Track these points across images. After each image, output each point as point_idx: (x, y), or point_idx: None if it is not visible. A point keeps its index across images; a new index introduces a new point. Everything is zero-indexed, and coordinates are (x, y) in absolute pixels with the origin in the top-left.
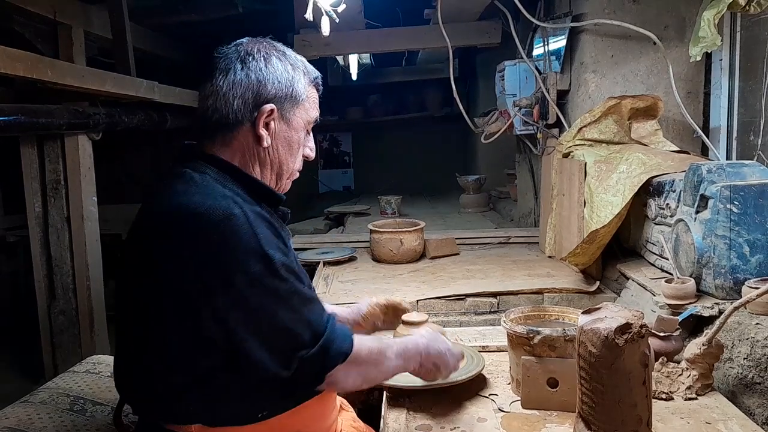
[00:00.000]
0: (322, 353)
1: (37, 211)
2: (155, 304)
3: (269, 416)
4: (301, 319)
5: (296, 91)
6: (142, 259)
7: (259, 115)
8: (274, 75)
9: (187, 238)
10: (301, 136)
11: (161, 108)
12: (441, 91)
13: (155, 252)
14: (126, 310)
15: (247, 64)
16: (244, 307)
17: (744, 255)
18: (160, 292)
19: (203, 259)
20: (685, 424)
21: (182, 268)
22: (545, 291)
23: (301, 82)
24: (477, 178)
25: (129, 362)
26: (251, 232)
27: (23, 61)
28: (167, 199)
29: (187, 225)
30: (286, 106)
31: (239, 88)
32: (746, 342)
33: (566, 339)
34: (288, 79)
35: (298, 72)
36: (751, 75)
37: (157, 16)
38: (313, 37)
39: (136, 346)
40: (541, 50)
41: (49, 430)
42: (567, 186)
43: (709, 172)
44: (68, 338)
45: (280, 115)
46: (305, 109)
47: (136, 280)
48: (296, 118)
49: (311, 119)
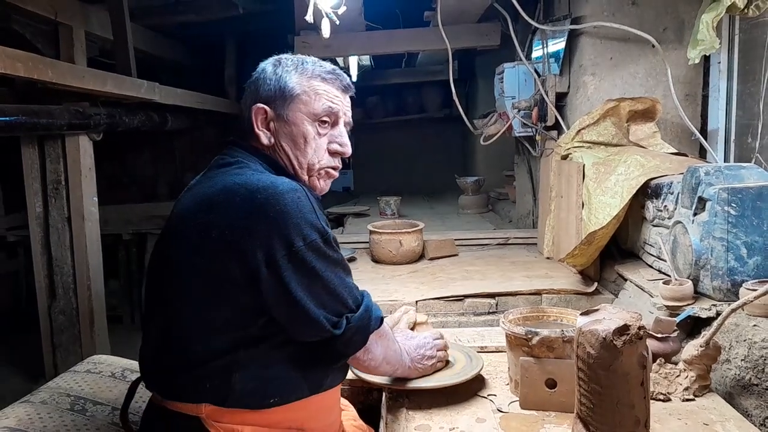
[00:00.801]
0: (366, 317)
1: (38, 211)
2: (201, 275)
3: (280, 403)
4: (346, 286)
5: (286, 87)
6: (191, 234)
7: (254, 117)
8: (264, 79)
9: (256, 207)
10: (306, 130)
11: (162, 109)
12: (440, 92)
13: (222, 225)
14: (157, 291)
15: (254, 77)
16: (301, 267)
17: (741, 257)
18: (221, 263)
19: (271, 224)
20: (683, 425)
21: (251, 235)
22: (543, 292)
23: (292, 79)
24: (476, 179)
25: (154, 339)
26: (310, 206)
27: (24, 61)
28: (223, 180)
29: (253, 196)
30: (278, 103)
31: (247, 98)
32: (744, 343)
33: (564, 340)
34: (276, 78)
35: (287, 71)
36: (750, 78)
37: (157, 17)
38: (313, 38)
39: (164, 325)
40: (540, 52)
41: (50, 429)
42: (565, 188)
43: (707, 174)
44: (68, 338)
45: (275, 113)
46: (304, 102)
47: (180, 256)
48: (293, 113)
49: (318, 111)
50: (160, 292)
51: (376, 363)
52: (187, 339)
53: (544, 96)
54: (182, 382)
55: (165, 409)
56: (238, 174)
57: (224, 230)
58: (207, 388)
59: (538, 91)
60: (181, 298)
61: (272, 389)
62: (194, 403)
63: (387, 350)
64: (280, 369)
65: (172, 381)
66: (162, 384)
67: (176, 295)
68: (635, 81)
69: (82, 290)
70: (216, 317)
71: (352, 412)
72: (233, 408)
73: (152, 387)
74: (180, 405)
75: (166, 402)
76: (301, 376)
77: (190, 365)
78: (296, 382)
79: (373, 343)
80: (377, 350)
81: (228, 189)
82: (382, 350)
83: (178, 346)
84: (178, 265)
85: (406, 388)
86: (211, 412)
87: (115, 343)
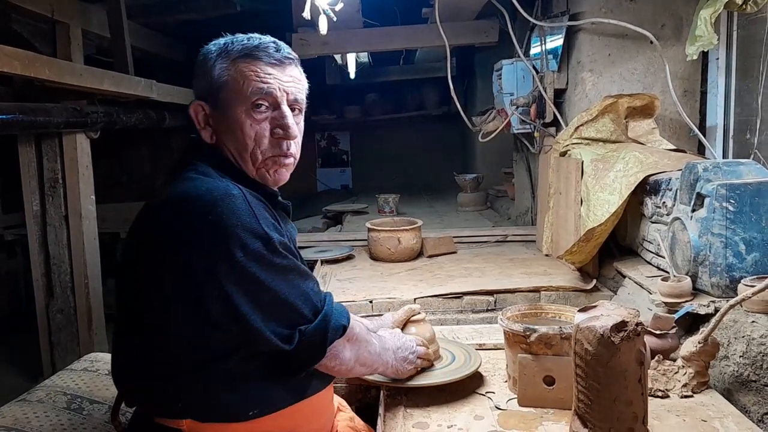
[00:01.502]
0: (323, 326)
1: (36, 210)
2: (157, 292)
3: (259, 415)
4: (300, 294)
5: (212, 78)
6: (145, 250)
7: (193, 116)
8: (196, 73)
9: (190, 219)
10: (237, 115)
11: (159, 106)
12: (439, 89)
13: (160, 240)
14: (125, 303)
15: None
16: (245, 281)
17: (740, 253)
18: (164, 278)
19: (206, 236)
20: (681, 422)
21: (187, 249)
22: (542, 289)
23: (216, 67)
24: (474, 176)
25: (126, 354)
26: (250, 210)
27: (21, 59)
28: (169, 190)
29: (189, 207)
30: (210, 97)
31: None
32: (742, 340)
33: (563, 337)
34: (201, 73)
35: (210, 58)
36: (748, 74)
37: (155, 15)
38: (311, 36)
39: (134, 338)
40: (539, 49)
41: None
42: (564, 184)
43: (706, 170)
44: (66, 336)
45: (211, 108)
46: (233, 89)
47: (138, 271)
48: (226, 102)
49: (248, 92)
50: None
51: (348, 367)
52: (156, 355)
53: (542, 92)
54: (159, 400)
55: (149, 421)
56: (180, 182)
57: (163, 245)
58: (185, 404)
59: (537, 88)
60: (143, 315)
61: (251, 401)
62: (176, 419)
63: (360, 353)
64: (256, 380)
65: (150, 398)
66: (140, 401)
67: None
68: (633, 77)
69: (79, 289)
70: (178, 333)
71: (349, 413)
72: (214, 422)
73: (131, 403)
74: (163, 419)
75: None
76: (279, 385)
77: (163, 382)
78: (276, 392)
79: (341, 349)
80: (346, 355)
81: (166, 200)
82: (352, 354)
83: (148, 363)
84: (137, 280)
85: (404, 385)
86: (193, 427)
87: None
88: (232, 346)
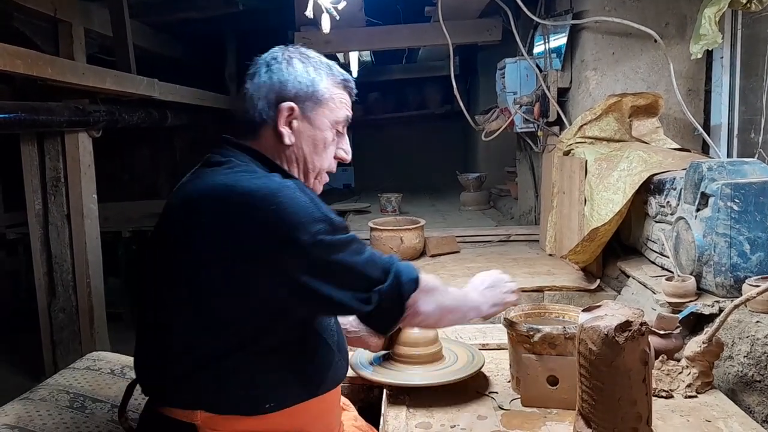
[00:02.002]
0: (396, 284)
1: (38, 209)
2: (191, 280)
3: (276, 409)
4: (368, 260)
5: (318, 91)
6: (179, 239)
7: (279, 114)
8: (294, 76)
9: (250, 210)
10: (326, 136)
11: (161, 105)
12: (441, 88)
13: (199, 229)
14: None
15: (271, 67)
16: (314, 263)
17: (744, 253)
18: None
19: (263, 226)
20: (685, 422)
21: (235, 239)
22: (546, 289)
23: (323, 83)
24: (477, 175)
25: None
26: (307, 198)
27: (23, 58)
28: (212, 181)
29: (240, 199)
30: (307, 105)
31: (263, 90)
32: (746, 340)
33: (566, 337)
34: (309, 79)
35: (320, 73)
36: (752, 72)
37: (157, 14)
38: (313, 34)
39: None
40: (542, 48)
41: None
42: (568, 184)
43: (710, 169)
44: (68, 335)
45: (301, 114)
46: (330, 109)
47: (168, 259)
48: (319, 118)
49: (339, 119)
50: (155, 295)
51: (435, 318)
52: (181, 343)
53: (545, 91)
54: (176, 388)
55: (161, 416)
56: (226, 174)
57: (221, 235)
58: (201, 393)
59: (540, 87)
60: (176, 301)
61: (268, 394)
62: (189, 410)
63: (442, 301)
64: (275, 374)
65: (167, 386)
66: (156, 389)
67: (170, 299)
68: (637, 76)
69: (81, 288)
70: (211, 321)
71: (353, 413)
72: (228, 415)
73: (147, 392)
74: (175, 411)
75: (162, 408)
76: (297, 381)
77: (184, 370)
78: (292, 387)
79: (422, 302)
80: (428, 306)
81: (219, 192)
82: (435, 304)
83: (172, 351)
84: (172, 268)
85: (406, 385)
86: (207, 420)
87: (115, 340)
88: (261, 337)
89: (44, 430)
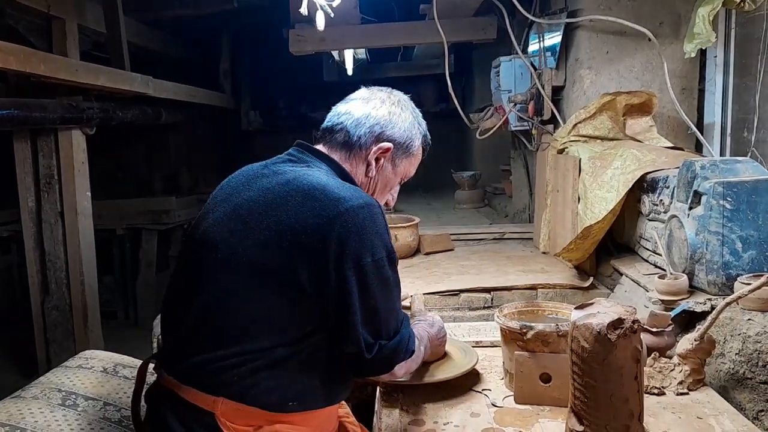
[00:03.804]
0: (399, 348)
1: (31, 206)
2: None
3: (297, 409)
4: (393, 311)
5: (412, 144)
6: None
7: (377, 148)
8: (403, 123)
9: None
10: (395, 181)
11: (155, 102)
12: (436, 86)
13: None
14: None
15: (385, 103)
16: (363, 282)
17: (737, 251)
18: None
19: (346, 234)
20: (677, 419)
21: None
22: (539, 287)
23: (418, 139)
24: (472, 174)
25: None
26: (384, 222)
27: (16, 54)
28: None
29: (332, 203)
30: (399, 151)
31: (371, 120)
32: (738, 337)
33: (559, 334)
34: (411, 131)
35: (420, 130)
36: (746, 72)
37: (151, 11)
38: (307, 32)
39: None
40: (537, 46)
41: (41, 425)
42: (561, 182)
43: (703, 168)
44: (61, 333)
45: (391, 156)
46: (410, 163)
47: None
48: (401, 165)
49: (410, 173)
50: (207, 279)
51: (396, 377)
52: (229, 330)
53: (540, 90)
54: (208, 371)
55: (177, 397)
56: (309, 174)
57: (300, 233)
58: (231, 380)
59: (535, 85)
60: (234, 289)
61: (293, 393)
62: (211, 395)
63: (409, 365)
64: (306, 376)
65: (198, 367)
66: (184, 368)
67: (227, 286)
68: (631, 75)
69: (75, 285)
70: (267, 314)
71: (345, 409)
72: (250, 406)
73: (170, 370)
74: (196, 395)
75: (181, 390)
76: (321, 387)
77: (223, 355)
78: (315, 392)
79: (399, 367)
80: (401, 371)
81: (305, 190)
82: (405, 369)
83: (217, 336)
84: (236, 256)
85: (400, 383)
86: (227, 411)
87: (109, 338)
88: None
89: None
